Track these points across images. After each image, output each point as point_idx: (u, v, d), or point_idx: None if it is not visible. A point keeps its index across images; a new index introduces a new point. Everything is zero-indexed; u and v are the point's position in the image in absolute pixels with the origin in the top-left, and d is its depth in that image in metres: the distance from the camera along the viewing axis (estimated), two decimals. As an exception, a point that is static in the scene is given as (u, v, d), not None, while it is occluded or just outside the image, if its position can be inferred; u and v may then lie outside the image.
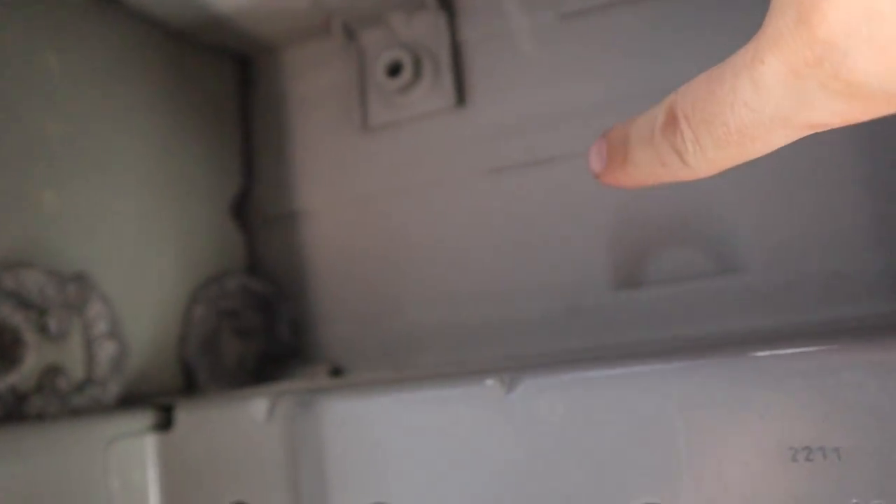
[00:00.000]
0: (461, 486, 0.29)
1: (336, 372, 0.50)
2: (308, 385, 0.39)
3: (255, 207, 0.55)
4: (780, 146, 0.21)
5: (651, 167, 0.24)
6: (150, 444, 0.38)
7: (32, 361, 0.37)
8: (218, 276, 0.51)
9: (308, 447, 0.34)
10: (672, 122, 0.22)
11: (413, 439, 0.31)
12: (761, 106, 0.19)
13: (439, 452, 0.30)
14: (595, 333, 0.43)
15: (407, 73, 0.49)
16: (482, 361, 0.44)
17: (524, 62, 0.48)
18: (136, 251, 0.45)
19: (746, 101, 0.19)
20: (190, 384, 0.47)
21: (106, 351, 0.40)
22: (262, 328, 0.52)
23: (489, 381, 0.29)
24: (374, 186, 0.51)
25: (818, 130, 0.20)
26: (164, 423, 0.39)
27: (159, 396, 0.43)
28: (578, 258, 0.45)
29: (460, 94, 0.49)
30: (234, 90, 0.56)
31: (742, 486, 0.25)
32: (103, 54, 0.45)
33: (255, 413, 0.36)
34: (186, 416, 0.38)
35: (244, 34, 0.53)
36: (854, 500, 0.24)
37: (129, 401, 0.42)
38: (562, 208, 0.46)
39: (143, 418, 0.39)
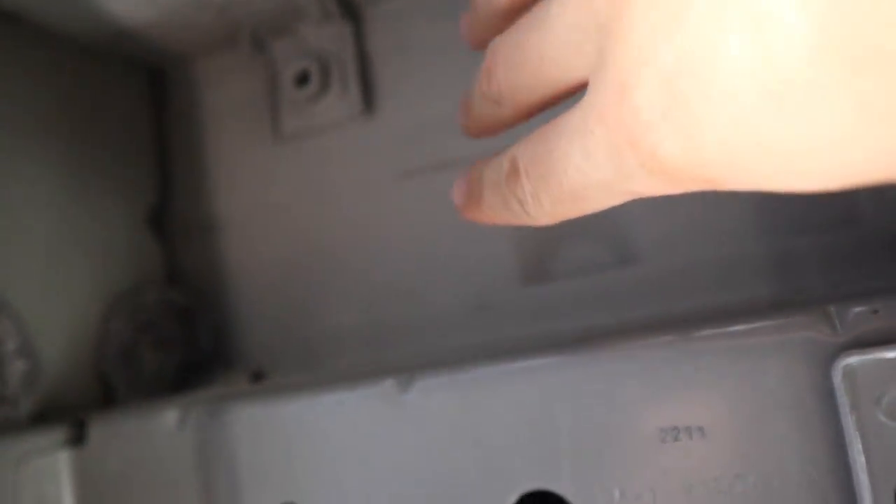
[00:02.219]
0: (364, 482, 0.31)
1: (257, 376, 0.50)
2: (221, 392, 0.39)
3: (173, 218, 0.55)
4: (612, 206, 0.22)
5: (500, 210, 0.25)
6: (63, 460, 0.38)
7: (-61, 383, 0.37)
8: (135, 288, 0.51)
9: (220, 454, 0.34)
10: (514, 174, 0.23)
11: (318, 440, 0.32)
12: (590, 172, 0.20)
13: (343, 452, 0.31)
14: (505, 328, 0.45)
15: (315, 83, 0.50)
16: (395, 361, 0.45)
17: (430, 70, 0.49)
18: (47, 267, 0.45)
19: (578, 165, 0.20)
20: (108, 397, 0.47)
21: (16, 369, 0.41)
22: (183, 338, 0.53)
23: (387, 382, 0.31)
24: (288, 194, 0.52)
25: (646, 196, 0.21)
26: (78, 437, 0.39)
27: (76, 411, 0.43)
28: (487, 256, 0.46)
29: (368, 102, 0.50)
30: (147, 102, 0.56)
31: (619, 468, 0.27)
32: (8, 71, 0.45)
33: (166, 423, 0.36)
34: (99, 430, 0.38)
35: (154, 47, 0.53)
36: (718, 475, 0.26)
37: (45, 417, 0.42)
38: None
39: (56, 434, 0.39)
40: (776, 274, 0.41)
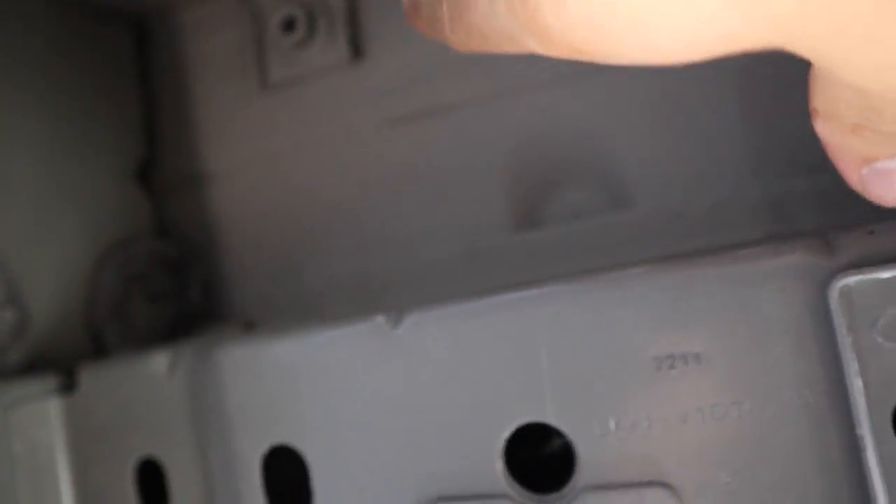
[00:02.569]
0: (355, 420, 0.30)
1: (248, 326, 0.50)
2: (211, 339, 0.39)
3: (161, 171, 0.55)
4: (514, 53, 0.22)
5: (430, 26, 0.26)
6: (53, 408, 0.38)
7: (-75, 332, 0.37)
8: (125, 240, 0.50)
9: (210, 397, 0.34)
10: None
11: (310, 380, 0.31)
12: (493, 20, 0.21)
13: (335, 390, 0.31)
14: (495, 275, 0.45)
15: (301, 29, 0.49)
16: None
17: (418, 13, 0.48)
18: (35, 218, 0.45)
19: (484, 11, 0.21)
20: (99, 350, 0.47)
21: (3, 318, 0.40)
22: (173, 291, 0.52)
23: (377, 318, 0.30)
24: (276, 144, 0.51)
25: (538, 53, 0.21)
26: (68, 385, 0.39)
27: (67, 363, 0.43)
28: (477, 202, 0.46)
29: (356, 48, 0.49)
30: (132, 54, 0.55)
31: (614, 397, 0.27)
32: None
33: (156, 368, 0.36)
34: (89, 376, 0.38)
35: (136, -4, 0.52)
36: (714, 401, 0.25)
37: (35, 368, 0.41)
38: (459, 155, 0.46)
39: (46, 382, 0.39)
40: (772, 216, 0.41)
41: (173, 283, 0.52)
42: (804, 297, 0.24)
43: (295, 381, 0.32)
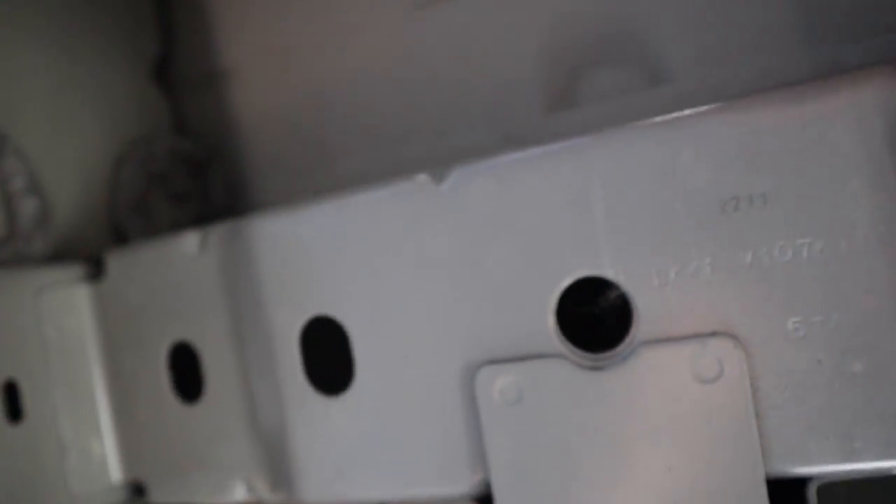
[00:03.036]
0: (398, 285, 0.29)
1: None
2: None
3: (178, 69, 0.53)
4: None
5: None
6: (82, 294, 0.37)
7: (-53, 216, 0.36)
8: (145, 137, 0.49)
9: (245, 273, 0.33)
10: None
11: (348, 246, 0.30)
12: None
13: (375, 255, 0.30)
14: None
15: None
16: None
17: None
18: (53, 109, 0.43)
19: None
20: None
21: (27, 207, 0.39)
22: (195, 191, 0.51)
23: (420, 176, 0.29)
24: (297, 36, 0.49)
25: None
26: (96, 273, 0.38)
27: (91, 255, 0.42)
28: (510, 85, 0.44)
29: (379, -72, 0.47)
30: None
31: (674, 243, 0.25)
32: None
33: (187, 247, 0.35)
34: (117, 262, 0.37)
35: None
36: (783, 242, 0.24)
37: (59, 258, 0.40)
38: (490, 36, 0.44)
39: (74, 270, 0.38)
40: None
41: (195, 183, 0.51)
42: (883, 128, 0.23)
43: (333, 250, 0.30)
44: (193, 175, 0.51)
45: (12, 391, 0.33)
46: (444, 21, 0.46)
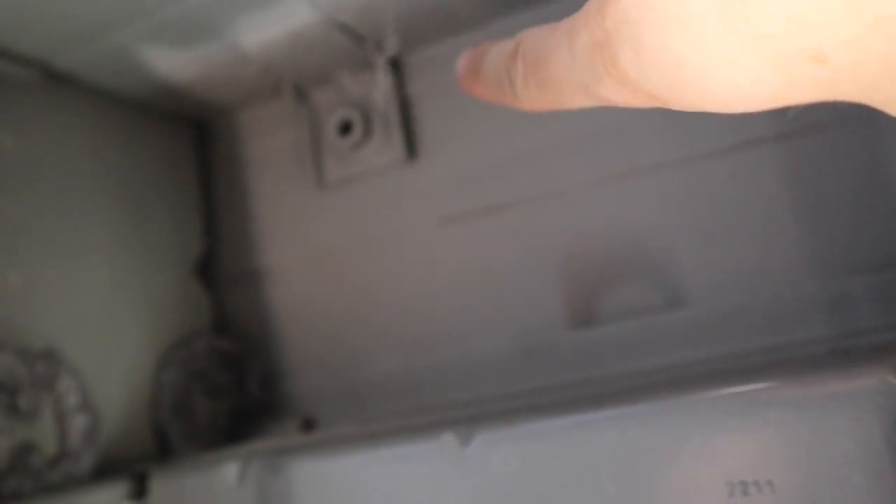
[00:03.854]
0: (426, 538, 0.31)
1: (307, 424, 0.51)
2: (278, 444, 0.40)
3: (220, 267, 0.56)
4: (584, 106, 0.23)
5: (493, 87, 0.27)
6: (125, 515, 0.39)
7: (5, 442, 0.38)
8: (186, 338, 0.52)
9: (279, 508, 0.35)
10: (514, 54, 0.25)
11: (378, 496, 0.32)
12: (570, 67, 0.22)
13: (403, 506, 0.31)
14: (552, 372, 0.45)
15: (358, 131, 0.50)
16: (444, 407, 0.45)
17: (472, 115, 0.50)
18: (103, 322, 0.46)
19: (562, 60, 0.22)
20: (163, 447, 0.48)
21: (78, 424, 0.41)
22: (233, 386, 0.53)
23: (446, 436, 0.31)
24: (332, 241, 0.53)
25: (612, 105, 0.22)
26: (139, 491, 0.40)
27: (133, 463, 0.44)
28: (533, 299, 0.46)
29: (411, 148, 0.51)
30: (192, 154, 0.58)
31: (687, 523, 0.27)
32: (59, 131, 0.47)
33: (226, 477, 0.37)
34: (160, 483, 0.39)
35: (199, 101, 0.55)
36: (789, 530, 0.25)
37: (103, 470, 0.42)
38: (514, 252, 0.47)
39: (118, 488, 0.40)
40: (831, 316, 0.41)
41: (233, 378, 0.53)
42: (880, 424, 0.25)
43: (364, 497, 0.32)
44: (231, 370, 0.53)
45: None
46: (469, 236, 0.49)
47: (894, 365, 0.25)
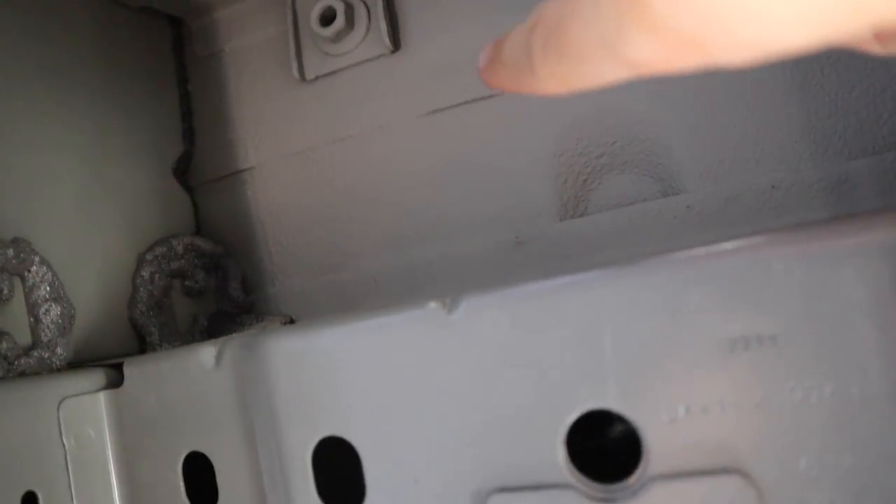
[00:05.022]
0: (410, 408, 0.30)
1: (289, 323, 0.50)
2: (256, 333, 0.38)
3: (199, 169, 0.54)
4: (606, 81, 0.21)
5: (512, 70, 0.24)
6: (102, 402, 0.38)
7: (-27, 327, 0.37)
8: (165, 237, 0.50)
9: (259, 390, 0.33)
10: (534, 24, 0.23)
11: (361, 369, 0.31)
12: (593, 25, 0.20)
13: (386, 379, 0.30)
14: (542, 263, 0.44)
15: (339, 21, 0.48)
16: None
17: (458, 2, 0.47)
18: (78, 216, 0.44)
19: (586, 16, 0.20)
20: (142, 346, 0.46)
21: (51, 314, 0.40)
22: (213, 288, 0.52)
23: (431, 304, 0.30)
24: (315, 138, 0.51)
25: (637, 74, 0.20)
26: (116, 381, 0.39)
27: (111, 359, 0.42)
28: (522, 191, 0.45)
29: (395, 39, 0.48)
30: (170, 53, 0.55)
31: (684, 382, 0.25)
32: (35, 23, 0.44)
33: (203, 361, 0.35)
34: (136, 371, 0.37)
35: (175, -4, 0.52)
36: (792, 385, 0.24)
37: (80, 363, 0.41)
38: (503, 144, 0.46)
39: (94, 377, 0.38)
40: (829, 199, 0.39)
41: (212, 280, 0.52)
42: (890, 274, 0.23)
43: (346, 371, 0.31)
44: (211, 271, 0.52)
45: (32, 502, 0.34)
46: (456, 128, 0.47)
47: (906, 210, 0.24)
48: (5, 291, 0.39)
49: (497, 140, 0.46)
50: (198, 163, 0.54)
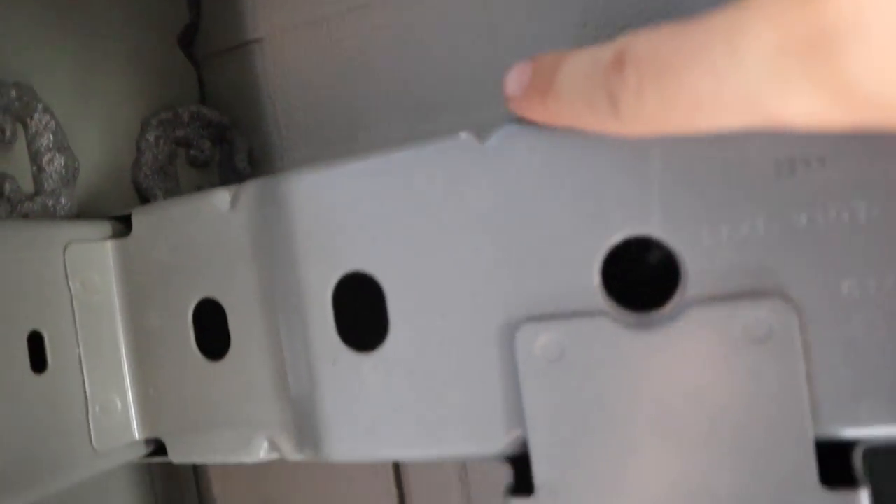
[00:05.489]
0: (439, 241, 0.29)
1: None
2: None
3: (205, 40, 0.52)
4: (722, 130, 0.19)
5: (576, 106, 0.22)
6: (109, 249, 0.37)
7: (-24, 162, 0.35)
8: (171, 104, 0.48)
9: (276, 229, 0.32)
10: (619, 63, 0.20)
11: (385, 202, 0.30)
12: (729, 77, 0.17)
13: (414, 210, 0.29)
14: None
15: None
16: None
17: None
18: (81, 70, 0.43)
19: (715, 66, 0.17)
20: (147, 210, 0.45)
21: (54, 164, 0.38)
22: (219, 159, 0.51)
23: (462, 135, 0.29)
24: (328, 7, 0.49)
25: (774, 130, 0.18)
26: (122, 232, 0.37)
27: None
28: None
29: None
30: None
31: (728, 205, 0.25)
32: None
33: (218, 204, 0.34)
34: (145, 218, 0.36)
35: None
36: (837, 204, 0.24)
37: (86, 216, 0.40)
38: (524, 11, 0.44)
39: (100, 227, 0.37)
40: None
41: (219, 150, 0.51)
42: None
43: (371, 206, 0.30)
44: (217, 142, 0.50)
45: (37, 342, 0.33)
46: (475, -4, 0.45)
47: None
48: (8, 134, 0.37)
49: (519, 7, 0.44)
50: (204, 34, 0.52)
